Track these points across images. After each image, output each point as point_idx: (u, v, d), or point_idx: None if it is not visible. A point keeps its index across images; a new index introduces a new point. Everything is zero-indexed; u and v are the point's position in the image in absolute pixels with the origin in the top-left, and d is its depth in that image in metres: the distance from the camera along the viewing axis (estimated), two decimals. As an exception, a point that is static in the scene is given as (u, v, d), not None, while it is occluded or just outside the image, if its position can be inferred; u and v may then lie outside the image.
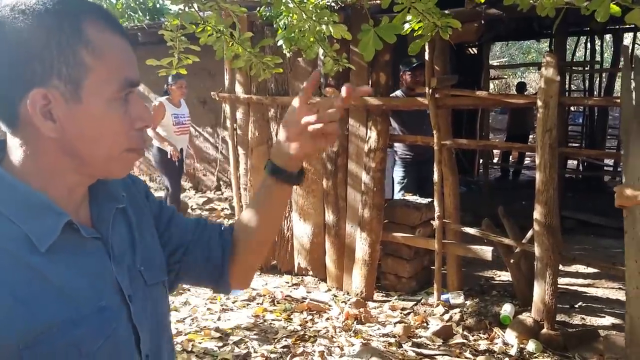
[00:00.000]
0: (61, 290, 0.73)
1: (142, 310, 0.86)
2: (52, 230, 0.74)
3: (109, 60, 0.74)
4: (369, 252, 4.06)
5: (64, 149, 0.75)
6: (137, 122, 0.78)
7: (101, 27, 0.74)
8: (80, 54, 0.72)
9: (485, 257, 3.76)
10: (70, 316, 0.73)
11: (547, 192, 3.39)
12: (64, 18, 0.72)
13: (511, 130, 9.28)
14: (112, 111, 0.75)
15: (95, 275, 0.79)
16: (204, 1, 2.85)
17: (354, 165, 4.16)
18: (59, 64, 0.72)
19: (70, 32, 0.72)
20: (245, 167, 4.72)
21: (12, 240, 0.72)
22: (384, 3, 2.43)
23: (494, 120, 13.60)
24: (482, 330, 3.57)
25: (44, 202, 0.75)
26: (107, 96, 0.74)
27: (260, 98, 4.46)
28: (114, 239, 0.85)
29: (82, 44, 0.72)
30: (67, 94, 0.72)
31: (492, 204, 4.92)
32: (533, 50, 20.10)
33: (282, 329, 3.59)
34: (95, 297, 0.77)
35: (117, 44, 0.76)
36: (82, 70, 0.73)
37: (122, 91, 0.75)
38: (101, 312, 0.77)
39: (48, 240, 0.73)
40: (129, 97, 0.78)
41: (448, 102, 3.82)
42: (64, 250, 0.75)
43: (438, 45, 3.75)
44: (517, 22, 6.21)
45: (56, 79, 0.72)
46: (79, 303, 0.75)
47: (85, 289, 0.76)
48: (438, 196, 3.89)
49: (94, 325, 0.76)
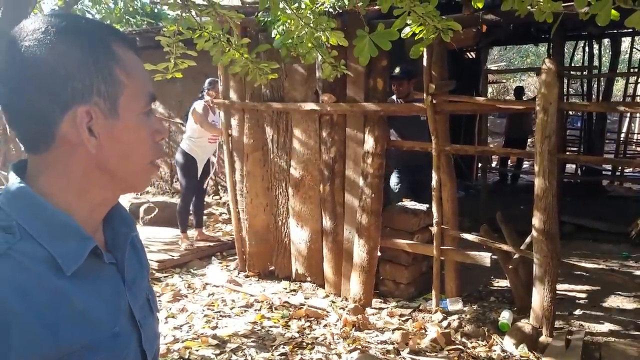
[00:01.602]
0: (84, 314, 0.73)
1: (149, 337, 0.88)
2: (79, 254, 0.74)
3: (137, 77, 0.79)
4: (367, 258, 4.04)
5: (98, 164, 0.77)
6: (157, 135, 0.82)
7: (126, 47, 0.79)
8: (115, 72, 0.76)
9: (484, 263, 3.75)
10: (90, 341, 0.73)
11: (546, 199, 3.37)
12: (96, 39, 0.76)
13: (510, 134, 9.28)
14: (142, 125, 0.79)
15: (111, 300, 0.80)
16: (202, 7, 2.85)
17: (351, 171, 4.15)
18: (98, 82, 0.74)
19: (104, 51, 0.76)
20: (241, 173, 4.70)
21: (38, 261, 0.71)
22: (383, 8, 2.43)
23: (492, 124, 13.60)
24: (480, 337, 3.55)
25: (71, 224, 0.75)
26: (138, 111, 0.79)
27: (255, 104, 4.45)
28: (128, 265, 0.85)
29: (115, 62, 0.76)
30: (107, 111, 0.75)
31: (490, 209, 4.91)
32: (531, 54, 20.12)
33: (279, 336, 3.57)
34: (111, 322, 0.78)
35: (139, 62, 0.81)
36: (118, 87, 0.76)
37: (148, 106, 0.80)
38: (115, 338, 0.78)
39: (74, 265, 0.73)
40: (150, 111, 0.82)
41: (446, 107, 3.81)
42: (86, 274, 0.75)
43: (436, 51, 3.74)
44: (516, 27, 6.21)
45: (96, 96, 0.74)
46: (98, 328, 0.75)
47: (104, 314, 0.77)
48: (436, 202, 3.87)
49: (109, 351, 0.76)
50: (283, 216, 4.58)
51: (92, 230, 0.80)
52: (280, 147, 4.47)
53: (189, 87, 7.36)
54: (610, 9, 1.96)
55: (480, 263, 3.77)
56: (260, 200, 4.64)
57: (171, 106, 8.24)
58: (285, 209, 4.55)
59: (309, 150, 4.29)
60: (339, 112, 4.11)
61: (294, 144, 4.39)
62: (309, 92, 4.24)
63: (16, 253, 0.69)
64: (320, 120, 4.23)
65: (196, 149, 5.29)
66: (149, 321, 0.89)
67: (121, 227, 0.87)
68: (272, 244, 4.71)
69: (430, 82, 3.72)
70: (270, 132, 4.49)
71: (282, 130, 4.43)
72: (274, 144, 4.50)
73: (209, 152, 5.47)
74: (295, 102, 4.27)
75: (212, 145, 5.42)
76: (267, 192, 4.63)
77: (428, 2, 2.46)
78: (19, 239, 0.71)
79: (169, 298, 4.22)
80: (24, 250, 0.70)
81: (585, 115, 9.07)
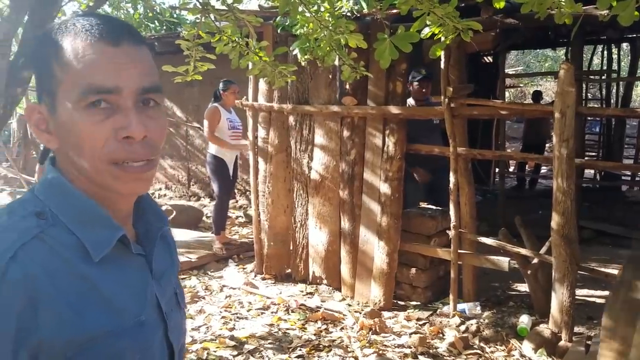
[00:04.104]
0: (109, 301, 0.75)
1: (175, 329, 0.89)
2: (107, 241, 0.76)
3: (73, 69, 0.73)
4: (386, 261, 4.04)
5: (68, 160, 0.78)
6: (120, 132, 0.74)
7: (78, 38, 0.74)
8: (52, 67, 0.75)
9: (502, 267, 3.72)
10: (115, 328, 0.75)
11: (565, 203, 3.35)
12: (49, 36, 0.76)
13: (527, 139, 9.21)
14: (82, 119, 0.73)
15: (138, 290, 0.81)
16: (221, 11, 2.88)
17: (369, 174, 4.16)
18: (42, 79, 0.77)
19: (48, 48, 0.76)
20: (264, 175, 4.75)
21: (67, 247, 0.74)
22: (402, 10, 2.44)
23: (510, 129, 13.51)
24: (498, 342, 3.53)
25: (100, 212, 0.77)
26: (72, 103, 0.73)
27: (281, 106, 4.49)
28: (157, 258, 0.87)
29: (54, 58, 0.75)
30: (51, 107, 0.76)
31: (508, 213, 4.89)
32: (549, 58, 19.98)
33: (296, 338, 3.58)
34: (137, 311, 0.79)
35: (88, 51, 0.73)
36: (54, 82, 0.75)
37: (85, 97, 0.72)
38: (141, 326, 0.79)
39: (102, 251, 0.75)
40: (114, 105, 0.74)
41: (464, 111, 3.80)
42: (113, 263, 0.77)
43: (454, 54, 3.74)
44: (533, 31, 6.19)
45: (44, 94, 0.77)
46: (123, 316, 0.77)
47: (129, 303, 0.79)
48: (454, 206, 3.86)
49: (134, 338, 0.78)
50: (302, 218, 4.60)
51: (120, 221, 0.81)
52: (302, 149, 4.51)
53: (205, 91, 7.43)
54: (634, 10, 1.95)
55: (498, 267, 3.75)
56: (282, 202, 4.67)
57: (188, 110, 8.32)
58: (305, 211, 4.57)
59: (330, 152, 4.32)
60: (360, 115, 4.13)
61: (315, 146, 4.42)
62: (333, 94, 4.28)
63: (48, 237, 0.72)
64: (342, 123, 4.25)
65: (222, 149, 5.34)
66: (176, 315, 0.91)
67: (152, 221, 0.89)
68: (290, 245, 4.73)
69: (448, 85, 3.72)
70: (294, 134, 4.53)
71: (305, 132, 4.47)
72: (297, 146, 4.53)
73: (235, 151, 5.51)
74: (319, 105, 4.30)
75: (235, 142, 5.46)
76: (288, 193, 4.65)
77: (447, 3, 2.47)
78: (51, 224, 0.74)
79: (187, 300, 4.25)
80: (55, 236, 0.73)
81: (604, 120, 8.99)
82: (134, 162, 0.75)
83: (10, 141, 11.35)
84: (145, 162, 0.77)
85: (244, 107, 4.86)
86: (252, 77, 4.66)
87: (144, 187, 0.79)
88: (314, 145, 4.43)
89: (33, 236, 0.71)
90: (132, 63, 0.75)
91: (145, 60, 0.77)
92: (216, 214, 5.48)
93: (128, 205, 0.84)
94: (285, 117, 4.58)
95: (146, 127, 0.75)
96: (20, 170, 8.98)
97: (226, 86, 5.34)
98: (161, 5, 8.62)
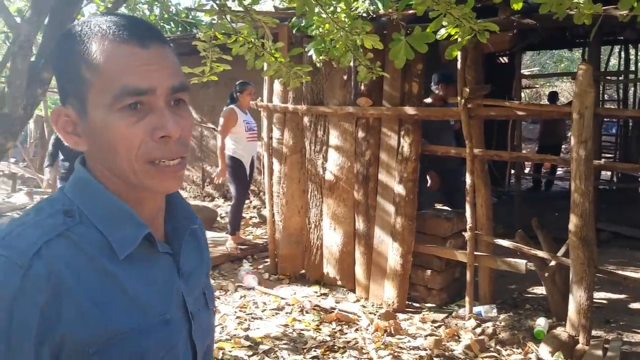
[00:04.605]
0: (134, 299, 0.76)
1: (200, 329, 0.88)
2: (132, 239, 0.77)
3: (105, 72, 0.73)
4: (400, 262, 4.03)
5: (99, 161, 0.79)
6: (156, 132, 0.74)
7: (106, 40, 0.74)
8: (81, 71, 0.75)
9: (519, 270, 3.69)
10: (139, 325, 0.75)
11: (583, 205, 3.31)
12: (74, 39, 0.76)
13: (543, 140, 9.14)
14: (117, 121, 0.73)
15: (164, 288, 0.81)
16: (238, 13, 2.90)
17: (384, 175, 4.14)
18: (67, 84, 0.78)
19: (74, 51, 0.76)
20: (278, 175, 4.75)
21: (93, 244, 0.75)
22: (419, 11, 2.43)
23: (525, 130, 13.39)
24: (515, 345, 3.50)
25: (127, 211, 0.78)
26: (105, 107, 0.74)
27: (296, 107, 4.50)
28: (185, 256, 0.87)
29: (83, 61, 0.75)
30: (80, 110, 0.76)
31: (524, 215, 4.84)
32: (565, 59, 19.79)
33: (311, 339, 3.57)
34: (162, 309, 0.80)
35: (119, 53, 0.74)
36: (83, 86, 0.75)
37: (120, 99, 0.73)
38: (166, 325, 0.80)
39: (127, 249, 0.76)
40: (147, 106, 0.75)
41: (481, 112, 3.78)
42: (139, 261, 0.78)
43: (470, 55, 3.72)
44: (550, 31, 6.13)
45: (70, 97, 0.77)
46: (148, 314, 0.77)
47: (154, 301, 0.79)
48: (470, 207, 3.84)
49: (159, 336, 0.78)
50: (316, 219, 4.60)
51: (148, 219, 0.82)
52: (317, 149, 4.51)
53: (220, 92, 7.47)
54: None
55: (515, 270, 3.72)
56: (296, 203, 4.68)
57: (203, 111, 8.36)
58: (319, 212, 4.57)
59: (345, 153, 4.31)
60: (375, 116, 4.12)
61: (330, 147, 4.42)
62: (348, 95, 4.28)
63: (74, 234, 0.73)
64: (357, 124, 4.25)
65: (239, 151, 5.36)
66: (203, 315, 0.90)
67: (181, 220, 0.89)
68: (304, 246, 4.73)
69: (465, 86, 3.70)
70: (309, 135, 4.54)
71: (320, 133, 4.47)
72: (312, 147, 4.54)
73: (252, 151, 5.52)
74: (334, 106, 4.30)
75: (252, 143, 5.47)
76: (302, 194, 4.66)
77: (464, 4, 2.45)
78: (78, 222, 0.75)
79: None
80: (81, 233, 0.74)
81: (621, 122, 8.89)
82: (170, 160, 0.76)
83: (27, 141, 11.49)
84: (180, 159, 0.78)
85: (258, 108, 4.87)
86: (267, 78, 4.67)
87: (177, 185, 0.79)
88: (329, 146, 4.43)
89: (58, 233, 0.72)
90: (162, 64, 0.76)
91: (173, 60, 0.78)
92: (232, 214, 5.51)
93: (157, 204, 0.84)
94: (300, 118, 4.59)
95: (180, 126, 0.76)
96: (37, 170, 9.09)
97: (242, 88, 5.36)
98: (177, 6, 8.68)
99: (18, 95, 1.83)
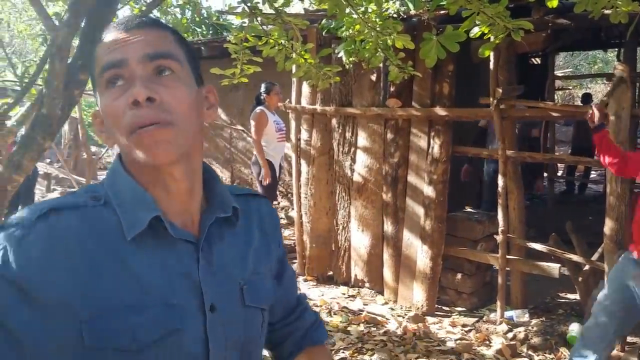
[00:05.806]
0: (138, 279, 0.76)
1: (225, 325, 0.84)
2: (141, 222, 0.78)
3: (96, 58, 0.80)
4: (430, 265, 3.99)
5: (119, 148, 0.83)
6: (129, 100, 0.75)
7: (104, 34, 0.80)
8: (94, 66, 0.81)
9: (552, 274, 3.62)
10: (135, 303, 0.75)
11: (619, 208, 3.24)
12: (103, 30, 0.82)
13: (576, 142, 8.93)
14: (106, 100, 0.78)
15: (176, 274, 0.80)
16: (268, 15, 2.91)
17: (413, 177, 4.11)
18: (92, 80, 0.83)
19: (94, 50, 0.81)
20: (306, 177, 4.76)
21: (108, 226, 0.77)
22: (451, 10, 2.41)
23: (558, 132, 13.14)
24: (547, 350, 3.43)
25: (143, 195, 0.80)
26: (100, 91, 0.79)
27: (324, 109, 4.51)
28: (219, 248, 0.86)
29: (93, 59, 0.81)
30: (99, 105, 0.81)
31: (557, 219, 4.75)
32: (599, 60, 19.37)
33: (339, 341, 3.56)
34: (168, 293, 0.78)
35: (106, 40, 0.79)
36: (93, 80, 0.82)
37: (101, 76, 0.78)
38: (168, 308, 0.77)
39: (134, 231, 0.77)
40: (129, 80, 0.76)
41: (513, 113, 3.72)
42: (149, 244, 0.79)
43: (503, 55, 3.67)
44: (584, 32, 6.00)
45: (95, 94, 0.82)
46: (148, 294, 0.76)
47: (160, 283, 0.78)
48: (502, 210, 3.78)
49: (154, 316, 0.76)
50: (344, 220, 4.59)
51: (179, 209, 0.82)
52: (345, 151, 4.50)
53: (250, 94, 7.50)
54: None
55: (548, 274, 3.64)
56: (324, 204, 4.68)
57: (232, 114, 8.42)
58: (347, 213, 4.56)
59: (373, 155, 4.30)
60: (404, 117, 4.09)
61: (358, 149, 4.41)
62: (377, 97, 4.26)
63: (91, 213, 0.78)
64: (385, 125, 4.23)
65: (270, 152, 5.36)
66: (232, 310, 0.85)
67: (214, 209, 0.87)
68: (332, 248, 4.73)
69: (497, 86, 3.65)
70: (337, 136, 4.54)
71: (348, 135, 4.47)
72: (340, 148, 4.53)
73: (281, 151, 5.53)
74: (362, 107, 4.29)
75: (281, 144, 5.47)
76: (330, 195, 4.66)
77: (497, 3, 2.42)
78: (101, 205, 0.78)
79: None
80: (100, 214, 0.78)
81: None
82: (141, 126, 0.75)
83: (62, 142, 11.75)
84: (155, 125, 0.75)
85: (287, 109, 4.89)
86: (295, 80, 4.69)
87: (163, 153, 0.76)
88: (357, 147, 4.42)
89: (73, 207, 0.76)
90: (138, 38, 0.78)
91: (153, 34, 0.80)
92: None
93: (181, 188, 0.82)
94: (328, 120, 4.59)
95: (155, 92, 0.76)
96: (70, 170, 9.29)
97: (269, 88, 5.34)
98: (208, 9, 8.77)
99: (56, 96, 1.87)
